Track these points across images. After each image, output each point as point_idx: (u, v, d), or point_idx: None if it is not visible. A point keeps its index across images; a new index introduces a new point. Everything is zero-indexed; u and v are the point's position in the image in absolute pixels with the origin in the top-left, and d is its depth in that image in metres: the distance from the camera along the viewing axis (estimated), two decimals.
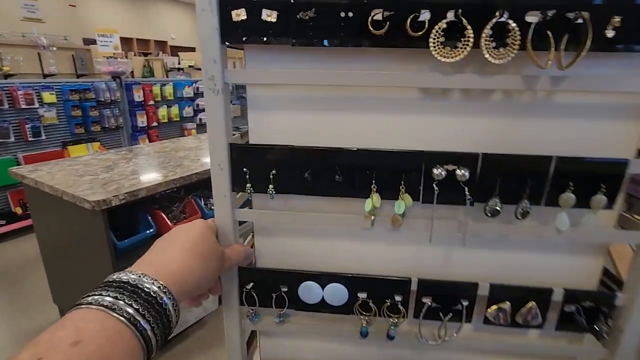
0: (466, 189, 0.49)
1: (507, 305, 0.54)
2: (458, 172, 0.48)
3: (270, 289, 0.57)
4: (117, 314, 0.32)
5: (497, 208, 0.50)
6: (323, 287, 0.56)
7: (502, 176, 0.49)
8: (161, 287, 0.36)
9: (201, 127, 5.04)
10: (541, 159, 0.48)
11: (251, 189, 0.52)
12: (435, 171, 0.48)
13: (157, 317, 0.35)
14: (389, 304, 0.56)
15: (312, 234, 0.59)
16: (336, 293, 0.56)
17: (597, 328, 0.54)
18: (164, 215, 1.84)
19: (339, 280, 0.56)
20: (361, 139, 0.53)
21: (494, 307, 0.55)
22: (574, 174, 0.48)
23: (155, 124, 4.54)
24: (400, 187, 0.50)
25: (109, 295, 0.33)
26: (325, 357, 0.67)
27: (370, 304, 0.56)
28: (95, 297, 0.33)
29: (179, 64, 6.53)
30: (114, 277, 0.36)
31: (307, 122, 0.53)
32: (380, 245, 0.58)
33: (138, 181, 1.73)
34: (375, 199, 0.50)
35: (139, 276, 0.36)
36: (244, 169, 0.51)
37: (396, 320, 0.57)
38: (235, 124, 0.55)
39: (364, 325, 0.57)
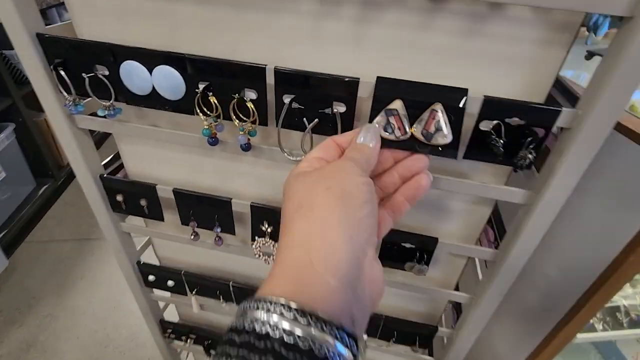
0: None
1: (398, 104, 0.37)
2: None
3: (84, 68, 0.42)
4: None
5: None
6: (151, 70, 0.40)
7: None
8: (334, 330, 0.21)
9: None
10: None
11: None
12: None
13: None
14: (236, 99, 0.40)
15: None
16: (169, 80, 0.41)
17: (519, 155, 0.38)
18: None
19: (170, 62, 0.40)
20: None
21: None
22: None
23: None
24: None
25: None
26: (173, 170, 0.56)
27: (212, 99, 0.41)
28: None
29: None
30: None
31: None
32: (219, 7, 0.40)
33: None
34: None
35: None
36: None
37: (250, 126, 0.42)
38: None
39: (205, 127, 0.42)
